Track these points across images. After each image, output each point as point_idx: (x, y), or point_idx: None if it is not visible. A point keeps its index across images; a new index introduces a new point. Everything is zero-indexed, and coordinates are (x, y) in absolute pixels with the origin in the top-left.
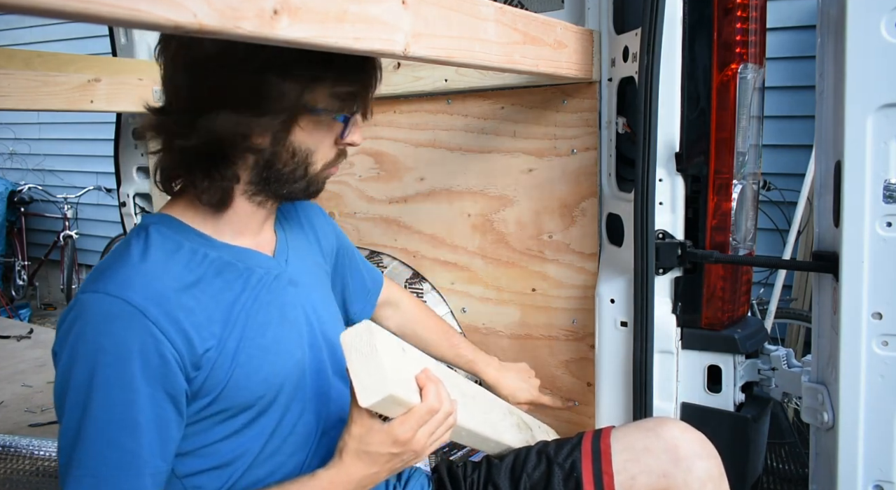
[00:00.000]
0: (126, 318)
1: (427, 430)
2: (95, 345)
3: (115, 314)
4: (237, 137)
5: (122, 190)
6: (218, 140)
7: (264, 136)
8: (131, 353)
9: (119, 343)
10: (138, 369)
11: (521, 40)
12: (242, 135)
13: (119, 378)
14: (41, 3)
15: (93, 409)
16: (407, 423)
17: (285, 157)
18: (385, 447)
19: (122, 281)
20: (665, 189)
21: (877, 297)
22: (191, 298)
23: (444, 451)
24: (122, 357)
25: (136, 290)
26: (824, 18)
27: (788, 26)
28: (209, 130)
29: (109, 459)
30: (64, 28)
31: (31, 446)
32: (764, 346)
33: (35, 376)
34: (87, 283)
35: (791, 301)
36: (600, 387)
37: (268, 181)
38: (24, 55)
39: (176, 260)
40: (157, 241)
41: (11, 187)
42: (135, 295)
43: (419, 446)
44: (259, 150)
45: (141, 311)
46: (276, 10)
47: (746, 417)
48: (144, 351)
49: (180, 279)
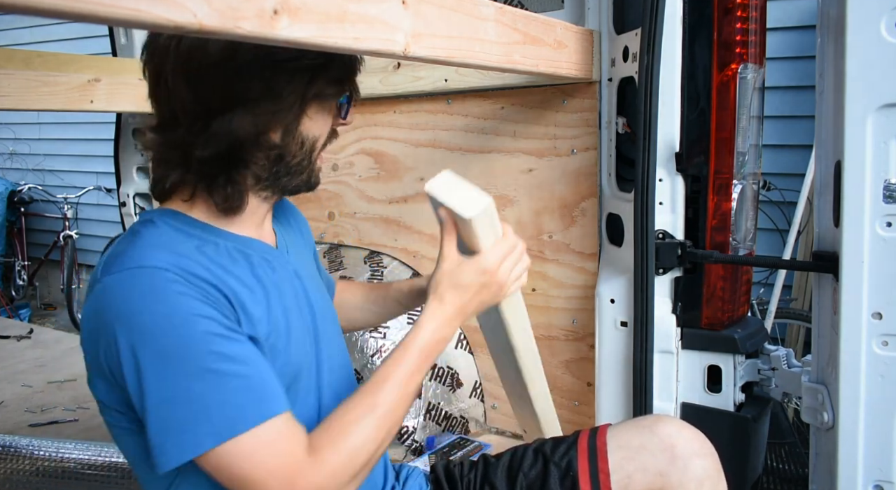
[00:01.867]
0: (166, 281)
1: (509, 263)
2: (151, 315)
3: (152, 281)
4: (254, 136)
5: (122, 190)
6: (237, 143)
7: (277, 130)
8: (191, 308)
9: (174, 303)
10: (201, 315)
11: (521, 40)
12: (259, 132)
13: (191, 336)
14: (41, 3)
15: (182, 373)
16: (492, 253)
17: (294, 149)
18: (475, 277)
19: (145, 256)
20: (665, 189)
21: (877, 297)
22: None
23: (444, 450)
24: (183, 314)
25: (162, 259)
26: (824, 18)
27: (788, 26)
28: (227, 134)
29: (240, 403)
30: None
31: (31, 446)
32: (764, 346)
33: (35, 376)
34: (106, 269)
35: (791, 301)
36: (600, 387)
37: (277, 175)
38: (24, 55)
39: (190, 246)
40: (167, 230)
41: (11, 187)
42: (159, 261)
43: (503, 278)
44: (273, 146)
45: (175, 272)
46: (276, 10)
47: (746, 417)
48: (202, 302)
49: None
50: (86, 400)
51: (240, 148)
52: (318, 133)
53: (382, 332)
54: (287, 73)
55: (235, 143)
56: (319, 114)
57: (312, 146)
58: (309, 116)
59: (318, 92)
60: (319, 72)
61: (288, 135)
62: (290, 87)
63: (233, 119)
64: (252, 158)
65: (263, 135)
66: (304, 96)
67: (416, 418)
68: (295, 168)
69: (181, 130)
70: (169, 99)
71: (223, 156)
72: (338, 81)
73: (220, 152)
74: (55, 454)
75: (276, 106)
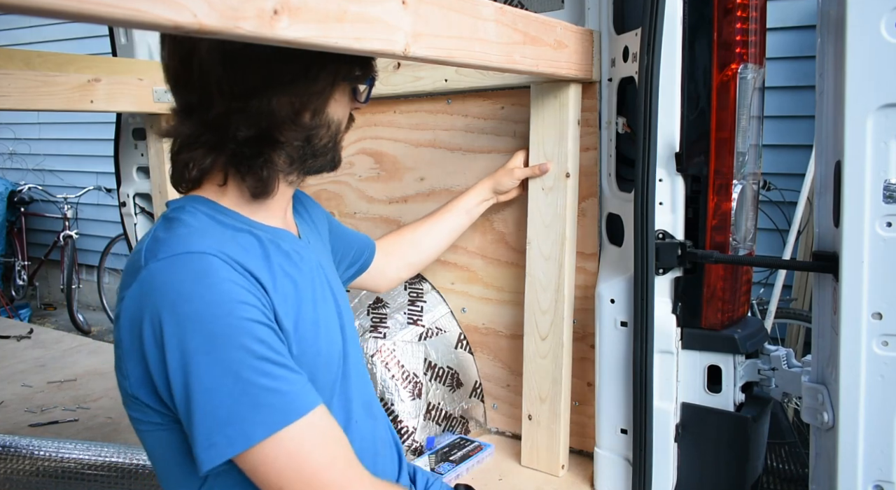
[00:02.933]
0: (215, 267)
1: None
2: (201, 302)
3: (201, 266)
4: (291, 116)
5: (122, 190)
6: (275, 122)
7: (310, 111)
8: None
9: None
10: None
11: (521, 40)
12: (295, 113)
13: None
14: (41, 3)
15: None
16: None
17: (322, 131)
18: None
19: (191, 242)
20: (665, 189)
21: (877, 297)
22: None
23: (444, 450)
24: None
25: (205, 245)
26: (824, 18)
27: (788, 26)
28: (268, 114)
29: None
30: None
31: (31, 446)
32: (764, 346)
33: (35, 376)
34: (152, 255)
35: (791, 301)
36: (600, 387)
37: (304, 158)
38: (24, 55)
39: (226, 235)
40: (202, 217)
41: (11, 187)
42: (207, 247)
43: None
44: (306, 126)
45: (222, 259)
46: (276, 10)
47: (746, 417)
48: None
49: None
50: (86, 400)
51: (277, 128)
52: (342, 115)
53: (382, 331)
54: (322, 55)
55: (274, 122)
56: (344, 96)
57: (338, 128)
58: (335, 99)
59: (347, 74)
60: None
61: (317, 116)
62: (326, 69)
63: (272, 99)
64: (286, 139)
65: (299, 115)
66: (336, 78)
67: (416, 418)
68: (321, 150)
69: (215, 111)
70: (202, 81)
71: (262, 136)
72: (365, 64)
73: (260, 132)
74: (55, 454)
75: (311, 87)
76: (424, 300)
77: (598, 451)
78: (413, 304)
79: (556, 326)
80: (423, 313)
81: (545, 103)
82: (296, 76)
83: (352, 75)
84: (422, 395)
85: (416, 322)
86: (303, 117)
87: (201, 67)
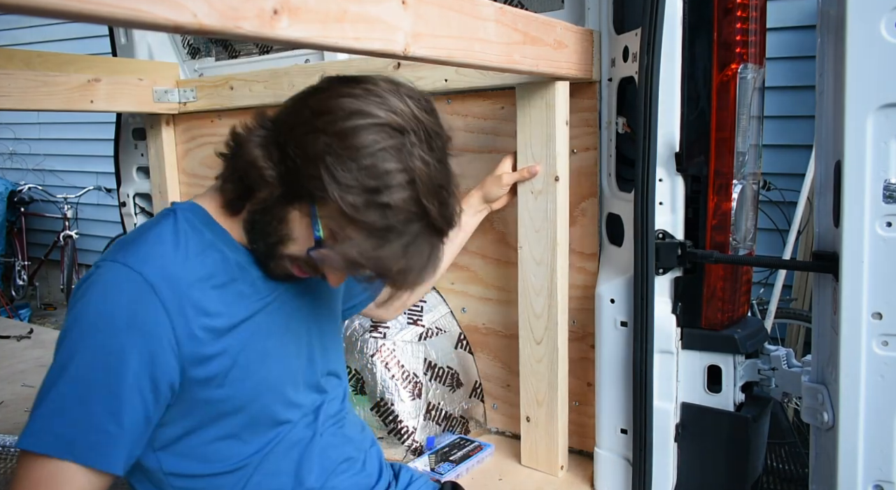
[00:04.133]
0: (136, 291)
1: None
2: (98, 309)
3: (125, 285)
4: (255, 171)
5: (122, 190)
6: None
7: (274, 181)
8: (131, 325)
9: (121, 313)
10: (134, 343)
11: (521, 40)
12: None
13: (111, 346)
14: (41, 3)
15: (75, 370)
16: None
17: (273, 216)
18: None
19: (143, 256)
20: (665, 189)
21: (877, 297)
22: (203, 293)
23: (444, 450)
24: (120, 327)
25: (153, 267)
26: (824, 18)
27: (788, 26)
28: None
29: (80, 422)
30: (64, 28)
31: None
32: (764, 346)
33: (35, 376)
34: (108, 253)
35: (791, 301)
36: (600, 387)
37: (252, 224)
38: (24, 55)
39: (197, 251)
40: (184, 228)
41: (11, 187)
42: (151, 271)
43: None
44: (261, 193)
45: (153, 287)
46: (276, 10)
47: (746, 417)
48: (144, 327)
49: (198, 272)
50: None
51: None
52: (291, 232)
53: (383, 331)
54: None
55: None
56: (303, 223)
57: (282, 236)
58: (298, 210)
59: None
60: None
61: (274, 204)
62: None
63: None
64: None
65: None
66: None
67: (416, 418)
68: (261, 233)
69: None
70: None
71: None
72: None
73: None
74: None
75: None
76: (424, 300)
77: (598, 451)
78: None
79: (551, 330)
80: (423, 313)
81: (531, 103)
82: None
83: (313, 210)
84: (422, 395)
85: (416, 322)
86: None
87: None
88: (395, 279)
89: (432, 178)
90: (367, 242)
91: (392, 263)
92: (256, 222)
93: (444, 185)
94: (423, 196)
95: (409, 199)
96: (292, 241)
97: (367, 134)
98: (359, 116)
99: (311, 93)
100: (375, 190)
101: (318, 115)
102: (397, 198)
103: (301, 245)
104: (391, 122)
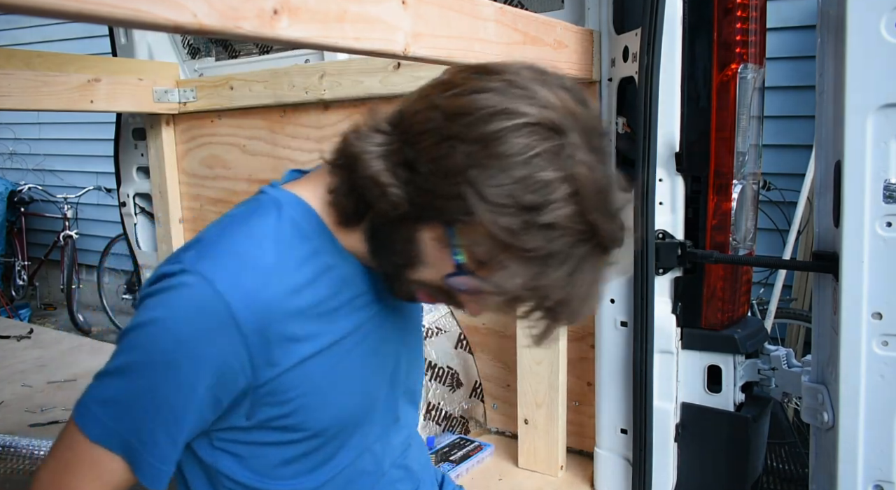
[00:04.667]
0: (217, 324)
1: None
2: (173, 334)
3: (207, 315)
4: (376, 189)
5: (122, 190)
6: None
7: (400, 200)
8: (209, 358)
9: (197, 344)
10: (207, 375)
11: (521, 40)
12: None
13: (181, 375)
14: (41, 3)
15: (141, 380)
16: None
17: (398, 237)
18: None
19: (234, 272)
20: (665, 189)
21: (877, 297)
22: (295, 319)
23: (444, 450)
24: (193, 356)
25: (244, 294)
26: (824, 18)
27: (788, 26)
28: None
29: (140, 432)
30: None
31: (31, 446)
32: (764, 346)
33: (35, 376)
34: (201, 253)
35: (791, 301)
36: (600, 387)
37: (375, 241)
38: (24, 55)
39: (298, 263)
40: (288, 232)
41: (11, 187)
42: (240, 299)
43: None
44: (383, 210)
45: (237, 322)
46: (276, 10)
47: (746, 417)
48: (221, 361)
49: (294, 291)
50: None
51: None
52: (423, 257)
53: None
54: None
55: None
56: (438, 247)
57: (411, 258)
58: (430, 231)
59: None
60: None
61: (403, 218)
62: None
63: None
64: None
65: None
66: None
67: None
68: (387, 251)
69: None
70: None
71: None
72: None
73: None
74: None
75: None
76: None
77: (598, 451)
78: None
79: (552, 353)
80: (423, 313)
81: None
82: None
83: (450, 232)
84: (422, 394)
85: None
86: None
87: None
88: (553, 312)
89: (598, 186)
90: (526, 271)
91: (553, 293)
92: (379, 240)
93: (610, 194)
94: (589, 211)
95: (574, 216)
96: (423, 266)
97: (517, 137)
98: (504, 116)
99: (438, 89)
100: (534, 207)
101: (451, 117)
102: (561, 215)
103: (435, 271)
104: (544, 119)
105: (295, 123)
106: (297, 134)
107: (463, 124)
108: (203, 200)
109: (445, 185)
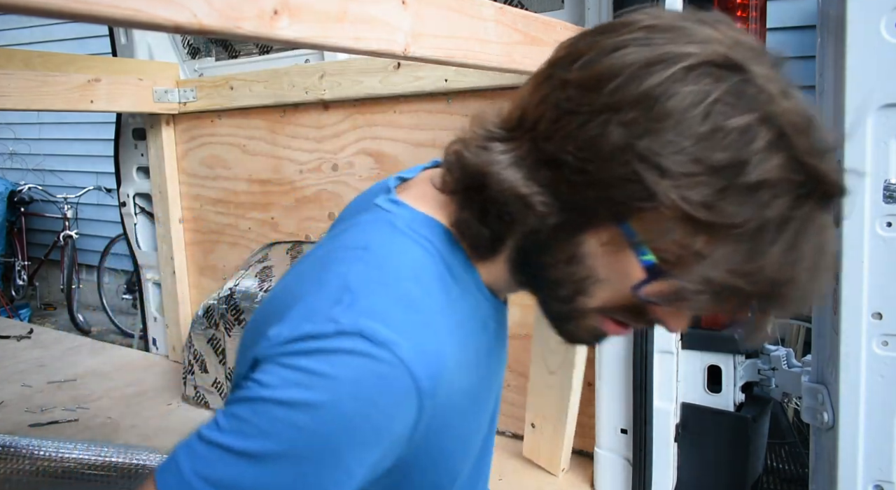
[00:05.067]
0: (403, 398)
1: None
2: (347, 411)
3: (393, 391)
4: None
5: (122, 190)
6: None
7: (550, 209)
8: (384, 437)
9: (381, 420)
10: (375, 453)
11: (522, 40)
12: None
13: (346, 459)
14: (41, 3)
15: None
16: None
17: (557, 257)
18: None
19: (419, 337)
20: None
21: (877, 297)
22: (460, 371)
23: None
24: (369, 439)
25: (432, 363)
26: (824, 18)
27: (788, 26)
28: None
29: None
30: (64, 28)
31: (31, 446)
32: (764, 346)
33: (35, 376)
34: (362, 306)
35: None
36: (600, 387)
37: (523, 267)
38: (24, 55)
39: (449, 319)
40: (442, 272)
41: (11, 187)
42: (427, 372)
43: None
44: (531, 227)
45: (422, 399)
46: (276, 10)
47: (746, 417)
48: (397, 435)
49: (457, 342)
50: (86, 400)
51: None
52: (599, 272)
53: None
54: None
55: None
56: (615, 252)
57: (582, 279)
58: (599, 237)
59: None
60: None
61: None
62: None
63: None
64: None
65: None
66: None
67: None
68: (547, 282)
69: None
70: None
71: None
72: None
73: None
74: (55, 454)
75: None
76: None
77: (598, 451)
78: None
79: (567, 364)
80: None
81: None
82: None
83: (629, 227)
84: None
85: None
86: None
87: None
88: (774, 298)
89: (806, 121)
90: (736, 252)
91: (776, 273)
92: (532, 270)
93: (821, 130)
94: (804, 153)
95: (788, 164)
96: (600, 286)
97: (684, 85)
98: (660, 66)
99: (559, 66)
100: (731, 166)
101: (591, 89)
102: (770, 168)
103: (617, 287)
104: (711, 56)
105: (295, 123)
106: (298, 134)
107: (610, 91)
108: (203, 200)
109: (607, 170)
